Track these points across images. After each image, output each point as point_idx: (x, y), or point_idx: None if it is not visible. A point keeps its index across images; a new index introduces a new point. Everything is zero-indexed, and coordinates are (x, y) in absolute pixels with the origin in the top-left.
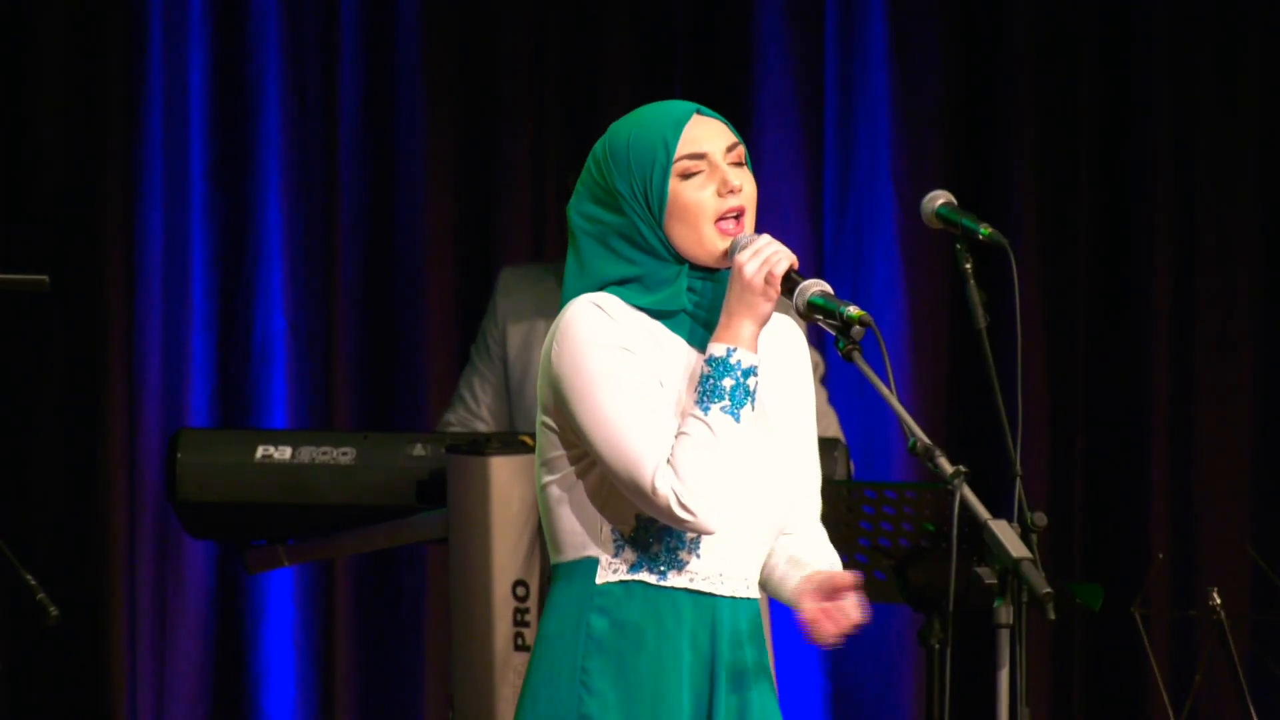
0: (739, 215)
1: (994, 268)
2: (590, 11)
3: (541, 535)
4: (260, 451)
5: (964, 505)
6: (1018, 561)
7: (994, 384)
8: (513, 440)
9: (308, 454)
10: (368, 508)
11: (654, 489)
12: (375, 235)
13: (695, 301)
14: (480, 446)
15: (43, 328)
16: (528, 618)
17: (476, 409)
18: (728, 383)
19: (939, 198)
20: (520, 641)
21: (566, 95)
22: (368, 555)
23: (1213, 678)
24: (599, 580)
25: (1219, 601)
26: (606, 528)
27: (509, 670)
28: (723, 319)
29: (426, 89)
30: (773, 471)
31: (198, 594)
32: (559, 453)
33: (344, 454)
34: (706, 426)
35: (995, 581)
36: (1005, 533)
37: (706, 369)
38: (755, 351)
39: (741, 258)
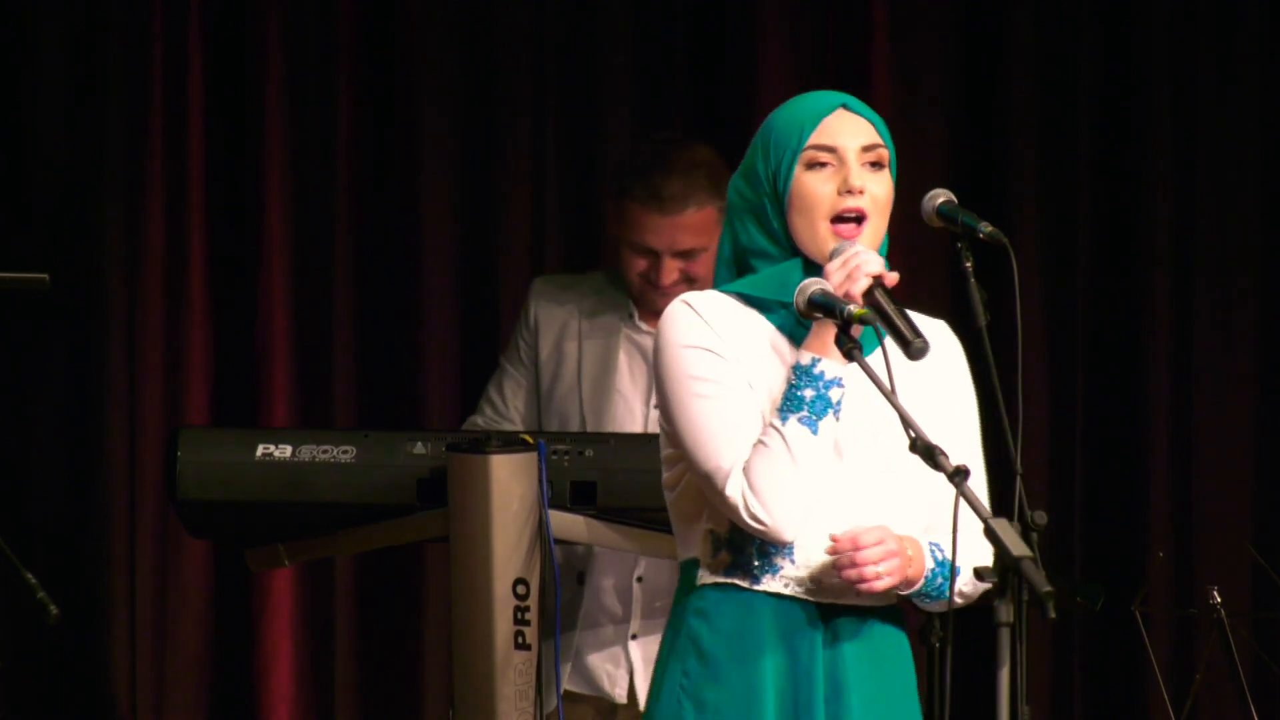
0: (860, 219)
1: (994, 266)
2: (589, 16)
3: (542, 534)
4: (260, 450)
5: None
6: (1018, 560)
7: (994, 382)
8: (514, 439)
9: (308, 452)
10: (368, 506)
11: (725, 495)
12: (375, 234)
13: None
14: (481, 445)
15: (43, 326)
16: (528, 616)
17: (505, 411)
18: (808, 393)
19: (939, 196)
20: (521, 640)
21: (566, 98)
22: (368, 554)
23: (1213, 676)
24: (699, 582)
25: (1219, 600)
26: (705, 529)
27: (509, 669)
28: (814, 326)
29: (426, 89)
30: (880, 479)
31: (198, 593)
32: (669, 451)
33: (344, 452)
34: (781, 438)
35: (996, 580)
36: (1005, 531)
37: (791, 377)
38: (843, 362)
39: (831, 265)
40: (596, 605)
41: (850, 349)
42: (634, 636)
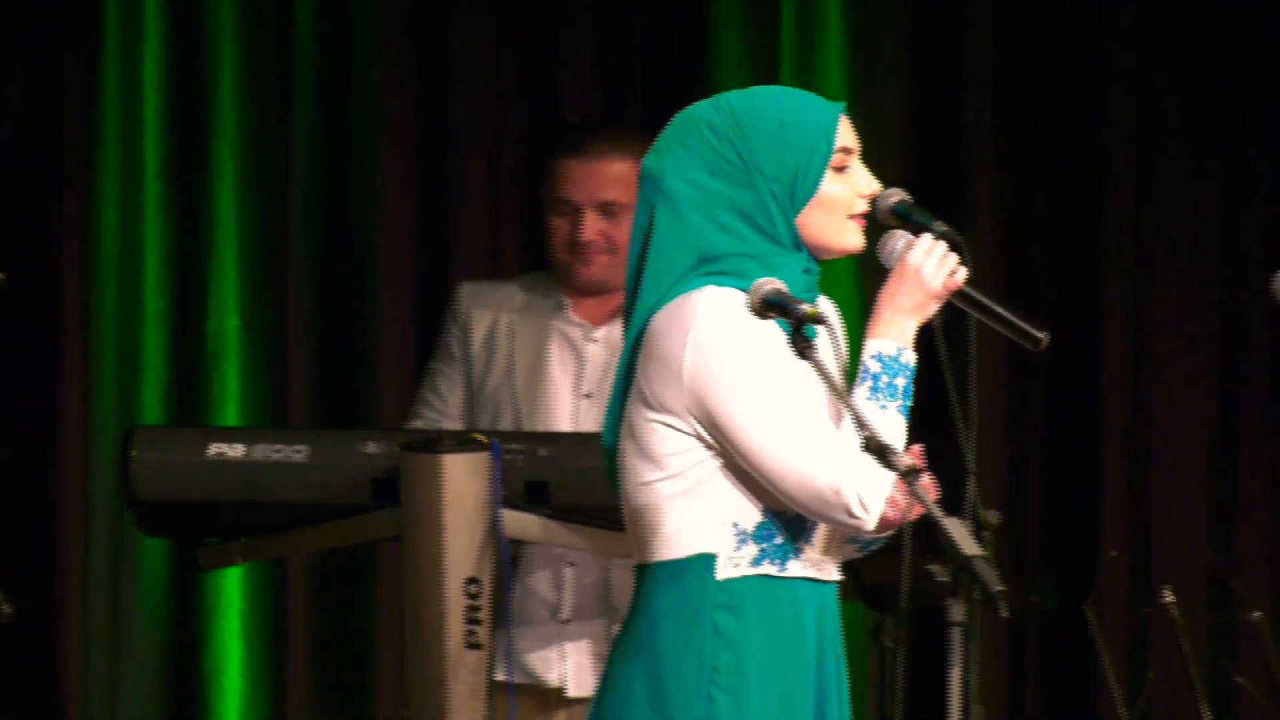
0: (866, 215)
1: None
2: (548, 14)
3: (495, 532)
4: (214, 449)
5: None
6: (971, 559)
7: (949, 380)
8: (467, 438)
9: (261, 452)
10: (321, 505)
11: (838, 491)
12: (330, 233)
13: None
14: (434, 444)
15: None
16: (480, 615)
17: (445, 408)
18: (900, 381)
19: (893, 195)
20: (473, 639)
21: (525, 98)
22: (321, 553)
23: (1166, 676)
24: (721, 576)
25: (1172, 599)
26: (729, 523)
27: (461, 668)
28: (886, 314)
29: (383, 87)
30: None
31: (151, 591)
32: (676, 451)
33: (297, 452)
34: (889, 424)
35: (948, 579)
36: (958, 530)
37: (875, 365)
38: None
39: (916, 258)
40: (528, 593)
41: (804, 348)
42: (567, 623)
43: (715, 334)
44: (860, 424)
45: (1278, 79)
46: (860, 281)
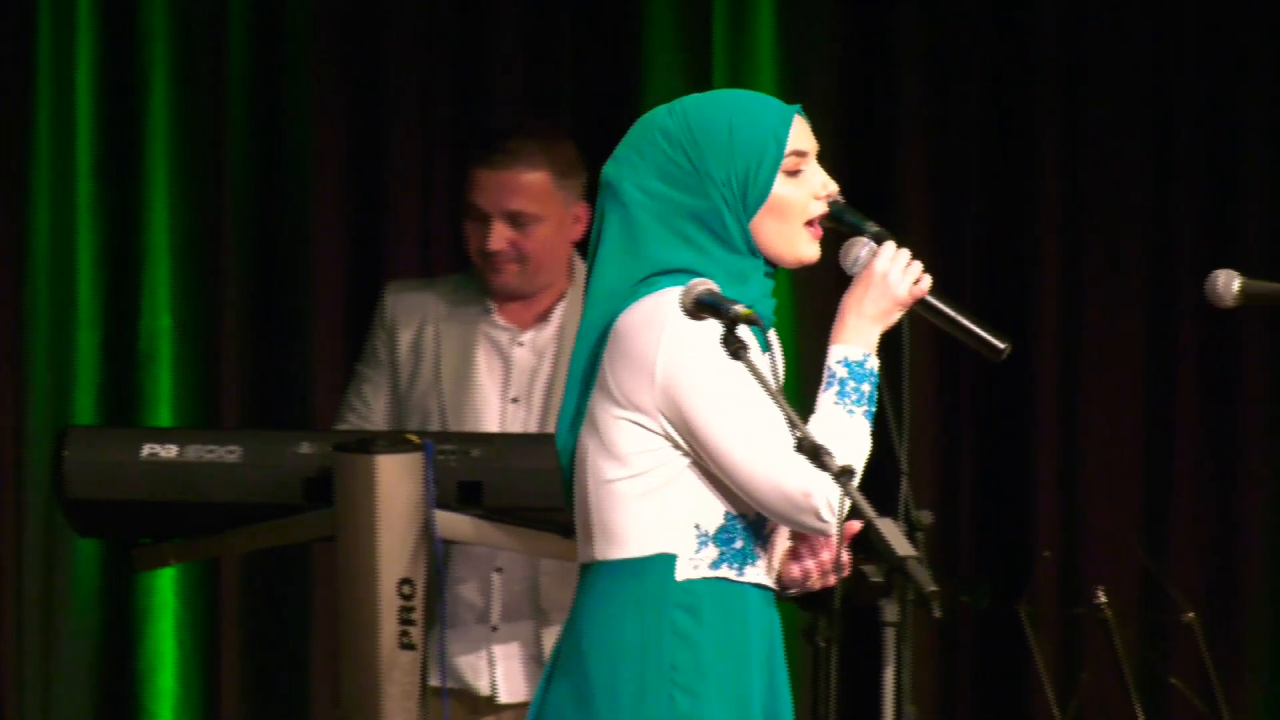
0: (823, 220)
1: None
2: (480, 13)
3: (429, 533)
4: (147, 449)
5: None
6: (903, 559)
7: (881, 382)
8: (400, 439)
9: (194, 452)
10: (255, 505)
11: (808, 495)
12: (262, 234)
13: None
14: (367, 445)
15: None
16: (413, 616)
17: (369, 414)
18: (866, 387)
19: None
20: (406, 640)
21: (456, 98)
22: (254, 553)
23: (1098, 676)
24: (680, 577)
25: (1105, 600)
26: (691, 524)
27: (395, 669)
28: (851, 320)
29: (315, 87)
30: None
31: (85, 592)
32: (642, 449)
33: (230, 452)
34: (855, 429)
35: (881, 580)
36: (891, 531)
37: (842, 370)
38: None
39: (882, 265)
40: (455, 599)
41: (737, 349)
42: (495, 629)
43: (690, 336)
44: (793, 425)
45: (1207, 70)
46: (795, 288)
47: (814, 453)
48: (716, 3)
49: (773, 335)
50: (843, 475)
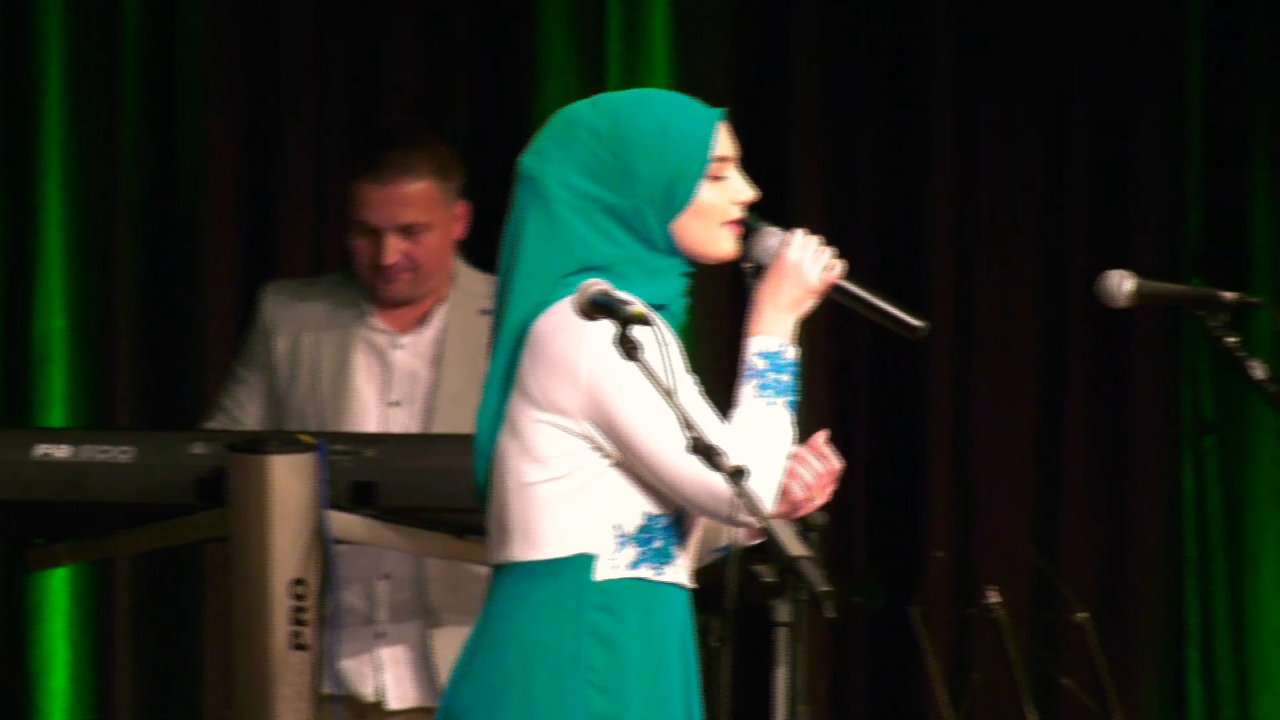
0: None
1: None
2: (374, 14)
3: (321, 534)
4: (40, 450)
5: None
6: (796, 559)
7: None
8: (292, 439)
9: (87, 452)
10: (148, 506)
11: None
12: (156, 235)
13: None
14: (260, 445)
15: None
16: (306, 616)
17: (240, 415)
18: (785, 378)
19: None
20: (298, 640)
21: (349, 99)
22: (147, 554)
23: (991, 676)
24: (598, 577)
25: (997, 600)
26: (609, 525)
27: (287, 669)
28: (768, 311)
29: (209, 90)
30: None
31: None
32: (563, 452)
33: (124, 453)
34: (777, 420)
35: (774, 580)
36: (784, 531)
37: (761, 362)
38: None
39: (794, 254)
40: (341, 606)
41: (630, 348)
42: (381, 634)
43: (605, 339)
44: (687, 425)
45: (1100, 67)
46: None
47: (707, 453)
48: (611, 4)
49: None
50: (735, 475)
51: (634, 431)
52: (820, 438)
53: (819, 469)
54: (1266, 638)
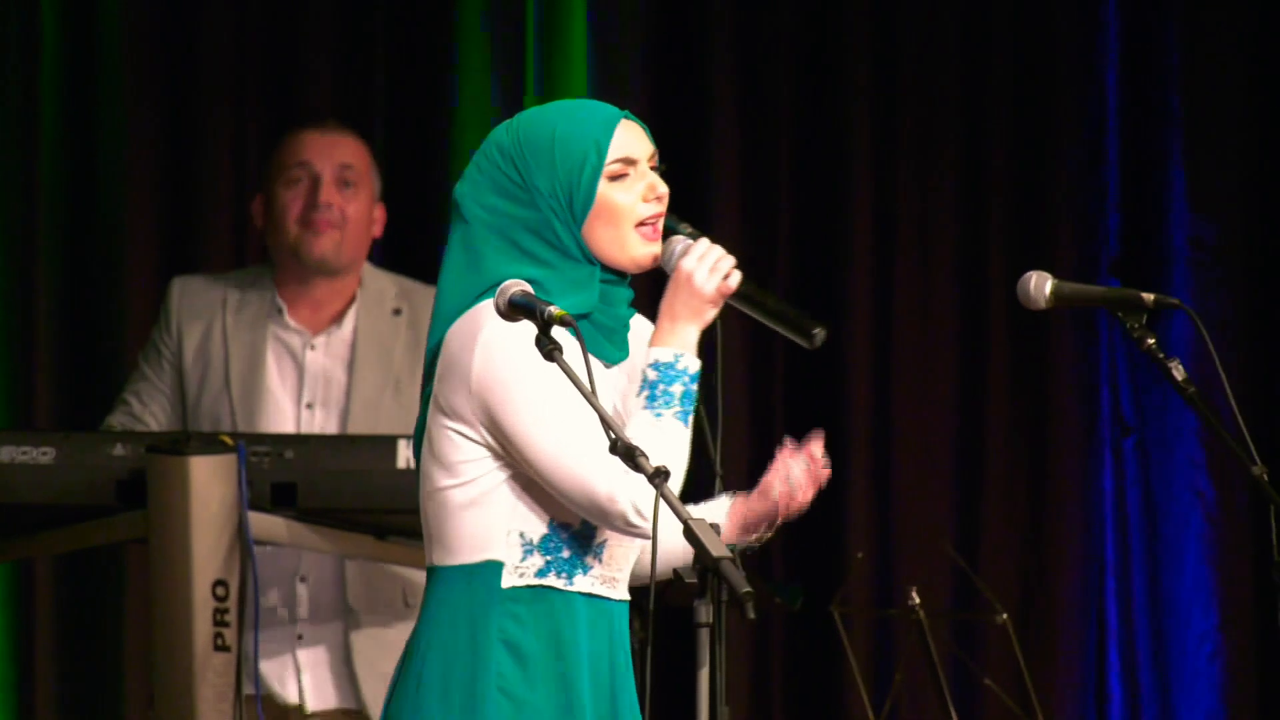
0: (657, 221)
1: None
2: (291, 17)
3: (242, 535)
4: None
5: (664, 504)
6: (717, 560)
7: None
8: (213, 440)
9: (8, 454)
10: (68, 507)
11: (612, 499)
12: (76, 235)
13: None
14: (180, 446)
15: None
16: (227, 617)
17: (142, 414)
18: (677, 389)
19: None
20: (220, 641)
21: (267, 104)
22: (68, 555)
23: (912, 676)
24: (506, 584)
25: (918, 600)
26: (515, 532)
27: (209, 670)
28: (664, 323)
29: (128, 87)
30: None
31: None
32: (467, 459)
33: (44, 454)
34: (662, 433)
35: (695, 580)
36: (705, 532)
37: (653, 374)
38: (698, 357)
39: (689, 264)
40: (260, 610)
41: (551, 350)
42: (300, 638)
43: (501, 341)
44: (607, 427)
45: (1018, 70)
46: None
47: (628, 454)
48: (529, 2)
49: (634, 338)
50: (657, 477)
51: (518, 434)
52: (816, 442)
53: (803, 470)
54: (1188, 639)
